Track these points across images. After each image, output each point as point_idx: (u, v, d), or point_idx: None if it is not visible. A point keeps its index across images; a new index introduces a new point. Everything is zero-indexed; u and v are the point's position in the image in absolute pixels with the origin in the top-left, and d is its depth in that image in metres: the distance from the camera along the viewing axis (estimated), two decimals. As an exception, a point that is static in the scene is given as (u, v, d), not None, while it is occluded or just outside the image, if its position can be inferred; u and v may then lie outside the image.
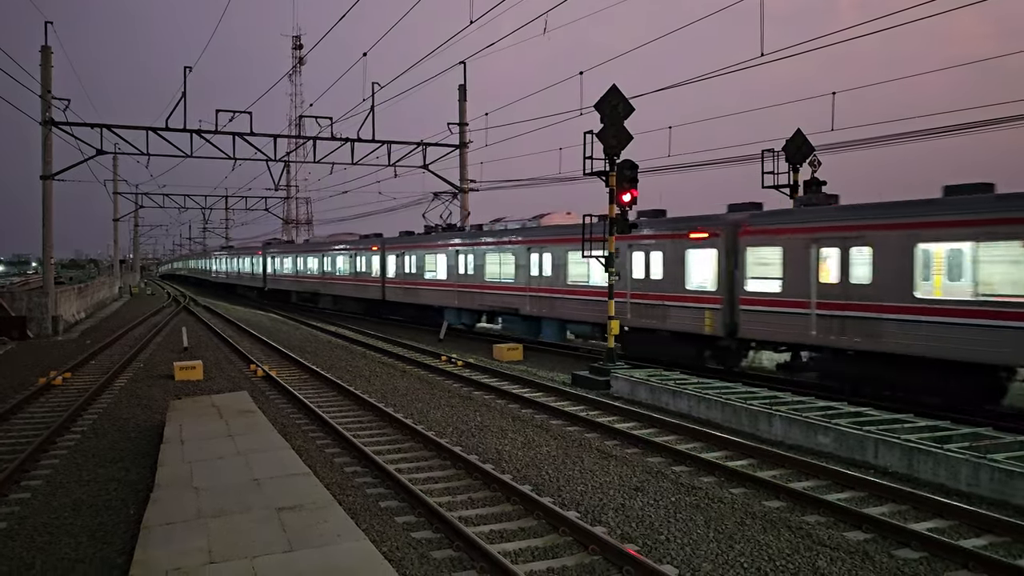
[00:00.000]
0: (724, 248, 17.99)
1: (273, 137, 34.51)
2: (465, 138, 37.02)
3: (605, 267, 18.45)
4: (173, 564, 6.49)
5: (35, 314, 31.24)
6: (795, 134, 20.44)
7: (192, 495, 8.42)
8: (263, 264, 56.01)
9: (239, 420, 12.56)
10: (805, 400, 14.13)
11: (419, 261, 33.19)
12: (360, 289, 39.48)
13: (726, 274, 17.92)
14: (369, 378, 19.66)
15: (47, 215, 32.41)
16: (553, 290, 24.17)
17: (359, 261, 39.54)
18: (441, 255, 31.37)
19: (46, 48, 32.57)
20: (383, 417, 14.62)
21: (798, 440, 12.32)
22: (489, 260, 27.92)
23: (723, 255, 18.02)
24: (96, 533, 8.61)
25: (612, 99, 17.61)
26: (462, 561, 7.72)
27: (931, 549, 7.93)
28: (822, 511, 9.16)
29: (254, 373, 20.27)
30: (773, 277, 16.89)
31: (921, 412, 13.53)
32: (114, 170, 67.94)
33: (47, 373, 19.58)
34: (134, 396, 17.12)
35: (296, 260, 49.61)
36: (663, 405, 15.54)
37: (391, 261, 35.97)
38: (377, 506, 9.43)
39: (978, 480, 9.69)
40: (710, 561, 7.77)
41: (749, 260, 17.41)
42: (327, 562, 6.55)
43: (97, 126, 32.44)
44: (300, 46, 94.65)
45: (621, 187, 17.69)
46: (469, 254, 29.16)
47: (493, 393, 17.35)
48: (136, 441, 12.91)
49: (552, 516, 8.74)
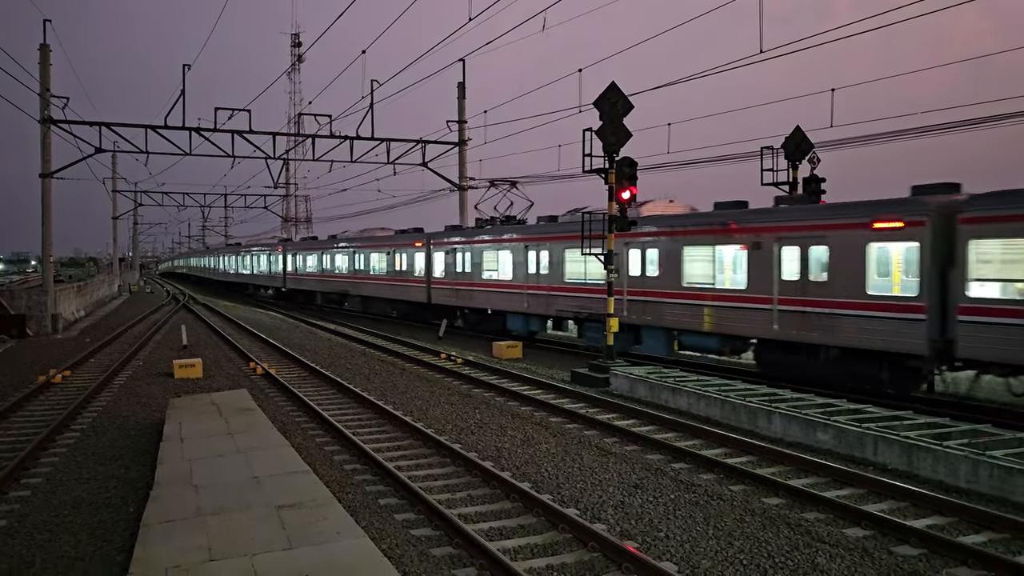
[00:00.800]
0: (930, 240, 14.11)
1: (272, 135, 34.48)
2: (464, 136, 37.02)
3: (604, 264, 18.41)
4: (173, 562, 6.49)
5: (34, 312, 31.24)
6: (794, 131, 20.44)
7: (192, 493, 8.43)
8: (282, 262, 51.58)
9: (239, 418, 12.56)
10: (804, 397, 14.13)
11: (476, 258, 28.70)
12: (400, 290, 35.01)
13: (935, 275, 14.10)
14: (369, 376, 19.67)
15: (46, 213, 32.40)
16: (661, 293, 20.07)
17: (399, 259, 35.01)
18: (505, 251, 26.84)
19: (44, 46, 32.56)
20: (383, 415, 14.63)
21: (797, 437, 12.32)
22: (570, 257, 23.40)
23: (929, 250, 14.13)
24: (96, 531, 8.62)
25: (611, 96, 17.60)
26: (462, 558, 7.73)
27: (930, 546, 7.94)
28: (821, 508, 9.17)
29: (253, 371, 20.27)
30: (1018, 279, 13.15)
31: (920, 409, 13.53)
32: (113, 168, 67.92)
33: (47, 371, 19.57)
34: (134, 394, 17.12)
35: (322, 257, 44.70)
36: (662, 402, 15.54)
37: (439, 259, 31.53)
38: (377, 503, 9.43)
39: (977, 477, 9.70)
40: (709, 558, 7.77)
41: (973, 256, 13.47)
42: (327, 559, 6.56)
43: (96, 124, 32.43)
44: (299, 44, 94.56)
45: (620, 184, 17.69)
46: (543, 250, 24.70)
47: (493, 391, 17.35)
48: (136, 439, 12.92)
49: (551, 513, 8.75)
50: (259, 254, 57.90)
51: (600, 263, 19.16)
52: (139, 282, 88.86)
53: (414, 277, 33.74)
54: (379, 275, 37.47)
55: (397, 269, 35.30)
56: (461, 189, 37.26)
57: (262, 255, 57.07)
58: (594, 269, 21.56)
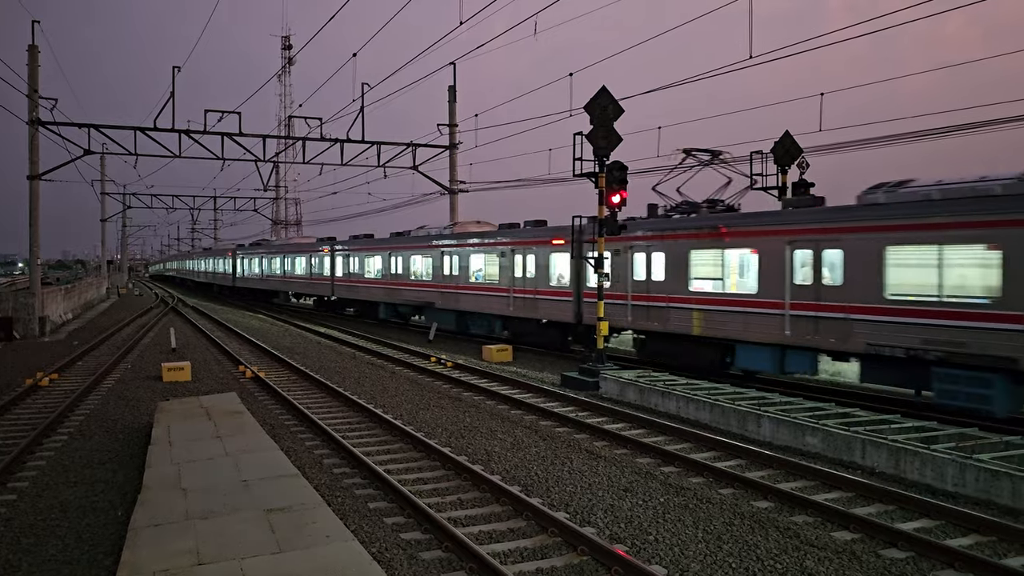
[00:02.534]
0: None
1: (262, 137, 34.44)
2: (455, 139, 37.05)
3: (594, 268, 18.45)
4: (161, 566, 6.46)
5: (21, 315, 31.01)
6: (783, 136, 20.55)
7: (180, 496, 8.38)
8: (329, 264, 42.37)
9: (227, 421, 12.51)
10: (793, 401, 14.19)
11: (679, 258, 19.05)
12: (557, 308, 23.39)
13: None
14: (358, 379, 19.62)
15: (34, 215, 32.21)
16: None
17: (534, 260, 24.23)
18: (731, 252, 17.95)
19: (33, 47, 32.38)
20: (372, 418, 14.60)
21: (786, 441, 12.37)
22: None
23: None
24: (83, 535, 8.56)
25: (602, 100, 17.66)
26: (451, 562, 7.72)
27: (918, 549, 7.98)
28: (810, 511, 9.20)
29: (243, 374, 20.19)
30: None
31: (908, 413, 13.60)
32: (101, 170, 67.66)
33: (34, 374, 19.43)
34: (122, 398, 17.02)
35: (394, 259, 34.31)
36: (652, 406, 15.57)
37: (638, 259, 20.42)
38: (366, 507, 9.41)
39: (964, 480, 9.76)
40: (699, 561, 7.79)
41: None
42: (316, 563, 6.54)
43: (84, 126, 32.29)
44: (289, 46, 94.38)
45: (611, 188, 17.74)
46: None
47: (483, 394, 17.34)
48: (124, 443, 12.84)
49: (541, 517, 8.75)
50: (295, 255, 48.87)
51: None
52: (128, 285, 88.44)
53: (560, 288, 23.30)
54: (482, 283, 27.56)
55: (552, 277, 23.72)
56: (452, 192, 37.27)
57: (300, 256, 47.79)
58: None
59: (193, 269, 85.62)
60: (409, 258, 32.87)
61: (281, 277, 50.98)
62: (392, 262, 34.42)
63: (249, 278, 58.77)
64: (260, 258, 55.86)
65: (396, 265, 34.00)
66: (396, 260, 34.05)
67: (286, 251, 50.33)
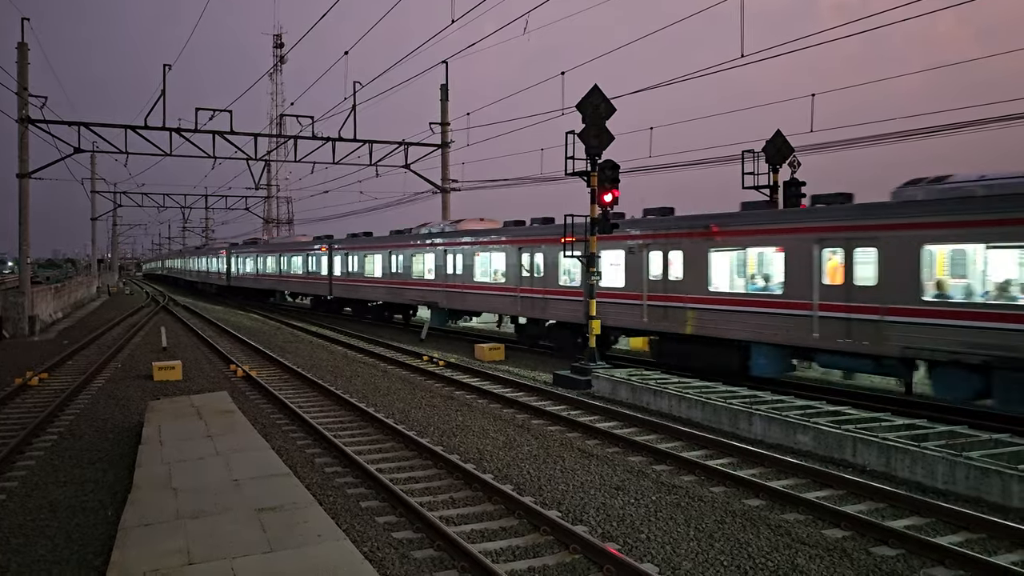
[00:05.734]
0: None
1: (254, 136, 34.27)
2: (447, 138, 37.01)
3: (586, 266, 18.46)
4: (151, 566, 6.43)
5: (11, 314, 30.84)
6: (775, 135, 20.59)
7: (171, 496, 8.35)
8: (328, 263, 40.36)
9: (218, 420, 12.46)
10: (784, 399, 14.23)
11: None
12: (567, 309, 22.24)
13: None
14: (350, 378, 19.58)
15: (23, 214, 32.00)
16: None
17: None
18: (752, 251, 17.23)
19: (22, 44, 32.18)
20: (364, 417, 14.57)
21: (778, 439, 12.41)
22: None
23: None
24: (73, 535, 8.52)
25: (594, 99, 17.66)
26: (443, 560, 7.71)
27: (908, 546, 8.01)
28: (801, 509, 9.23)
29: (234, 373, 20.13)
30: None
31: (899, 411, 13.66)
32: (92, 168, 67.18)
33: (23, 373, 19.33)
34: (112, 397, 16.94)
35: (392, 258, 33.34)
36: (644, 404, 15.59)
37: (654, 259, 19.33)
38: (358, 506, 9.39)
39: (954, 477, 9.81)
40: (691, 559, 7.81)
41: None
42: (307, 563, 6.52)
43: (75, 124, 32.10)
44: (281, 44, 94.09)
45: (603, 187, 17.74)
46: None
47: (475, 393, 17.33)
48: (114, 442, 12.78)
49: (533, 515, 8.75)
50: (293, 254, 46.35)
51: None
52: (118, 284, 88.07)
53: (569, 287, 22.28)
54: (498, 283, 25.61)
55: None
56: (444, 191, 37.23)
57: (297, 255, 45.56)
58: None
59: (186, 268, 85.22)
60: (411, 257, 31.80)
61: (277, 276, 50.36)
62: (394, 261, 33.48)
63: (244, 277, 58.17)
64: (255, 257, 55.41)
65: (398, 264, 33.04)
66: (398, 259, 33.08)
67: (282, 250, 49.68)
